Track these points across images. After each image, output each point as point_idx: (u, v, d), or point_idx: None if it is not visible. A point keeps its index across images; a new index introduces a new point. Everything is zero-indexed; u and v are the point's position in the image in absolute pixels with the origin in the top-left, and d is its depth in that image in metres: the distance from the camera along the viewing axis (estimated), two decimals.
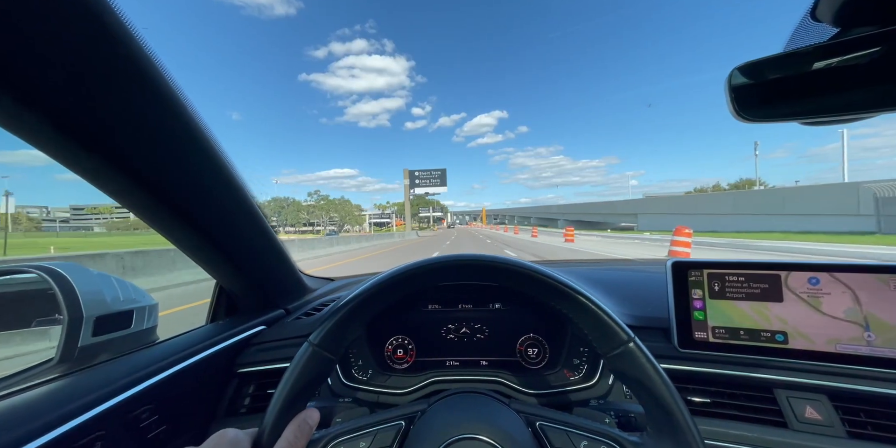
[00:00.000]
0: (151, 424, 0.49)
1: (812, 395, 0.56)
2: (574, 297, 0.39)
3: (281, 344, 0.71)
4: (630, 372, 0.37)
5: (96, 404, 0.43)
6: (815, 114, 0.35)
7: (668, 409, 0.34)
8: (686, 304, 0.63)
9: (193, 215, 0.53)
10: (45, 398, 0.42)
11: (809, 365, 0.56)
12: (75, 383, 0.46)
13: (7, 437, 0.36)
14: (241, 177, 0.56)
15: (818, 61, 0.32)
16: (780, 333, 0.57)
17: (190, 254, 0.62)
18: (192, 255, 0.62)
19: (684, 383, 0.61)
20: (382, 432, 0.38)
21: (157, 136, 0.42)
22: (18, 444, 0.35)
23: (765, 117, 0.36)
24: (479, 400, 0.43)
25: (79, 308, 0.52)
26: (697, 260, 0.63)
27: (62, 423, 0.39)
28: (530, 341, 0.75)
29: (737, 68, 0.37)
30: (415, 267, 0.42)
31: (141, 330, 0.64)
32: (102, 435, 0.42)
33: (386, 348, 0.76)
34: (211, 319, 0.80)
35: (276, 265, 0.79)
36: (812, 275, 0.56)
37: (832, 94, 0.33)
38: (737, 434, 0.54)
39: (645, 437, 0.37)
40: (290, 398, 0.36)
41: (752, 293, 0.59)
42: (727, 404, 0.59)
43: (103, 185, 0.44)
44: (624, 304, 0.75)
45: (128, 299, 0.62)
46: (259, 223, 0.65)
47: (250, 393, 0.68)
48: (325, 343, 0.39)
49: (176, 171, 0.47)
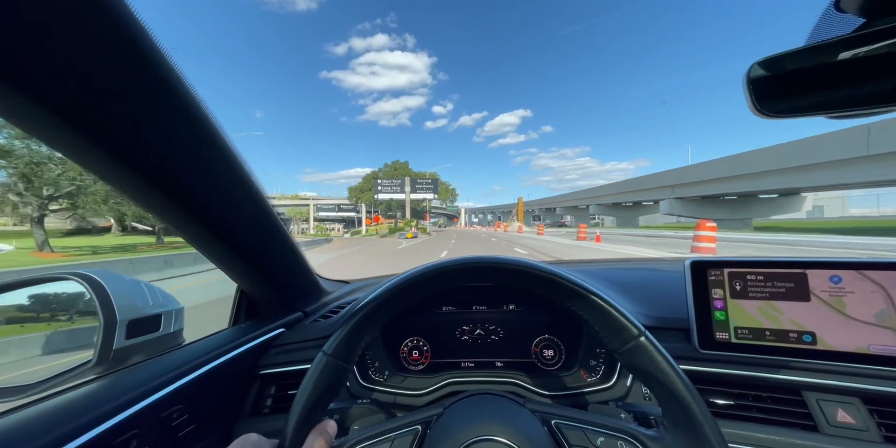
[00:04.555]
0: (182, 423, 0.51)
1: (844, 398, 0.54)
2: (581, 293, 0.39)
3: (300, 346, 0.73)
4: (643, 366, 0.37)
5: (132, 404, 0.45)
6: (840, 107, 0.34)
7: (684, 402, 0.34)
8: (706, 305, 0.61)
9: (216, 221, 0.55)
10: (86, 398, 0.45)
11: (841, 367, 0.53)
12: (112, 384, 0.48)
13: (56, 433, 0.38)
14: (258, 180, 0.58)
15: (843, 52, 0.31)
16: (808, 334, 0.55)
17: (212, 259, 0.64)
18: (215, 260, 0.65)
19: (705, 385, 0.60)
20: (400, 438, 0.38)
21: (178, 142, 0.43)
22: (65, 440, 0.38)
23: (786, 112, 0.36)
24: (493, 401, 0.43)
25: (113, 312, 0.55)
26: (717, 258, 0.62)
27: (102, 421, 0.42)
28: (545, 342, 0.74)
29: (756, 63, 0.36)
30: (414, 275, 0.42)
31: (169, 333, 0.66)
32: (138, 433, 0.44)
33: (401, 350, 0.77)
34: (233, 323, 0.83)
35: (294, 269, 0.81)
36: (834, 273, 0.54)
37: (858, 86, 0.32)
38: (762, 437, 0.52)
39: (662, 431, 0.37)
40: (309, 408, 0.37)
41: (777, 293, 0.57)
42: (751, 407, 0.57)
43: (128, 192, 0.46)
44: (641, 305, 0.73)
45: (156, 304, 0.65)
46: (277, 228, 0.67)
47: (272, 394, 0.70)
48: (339, 352, 0.40)
49: (199, 178, 0.49)
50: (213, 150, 0.48)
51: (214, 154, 0.48)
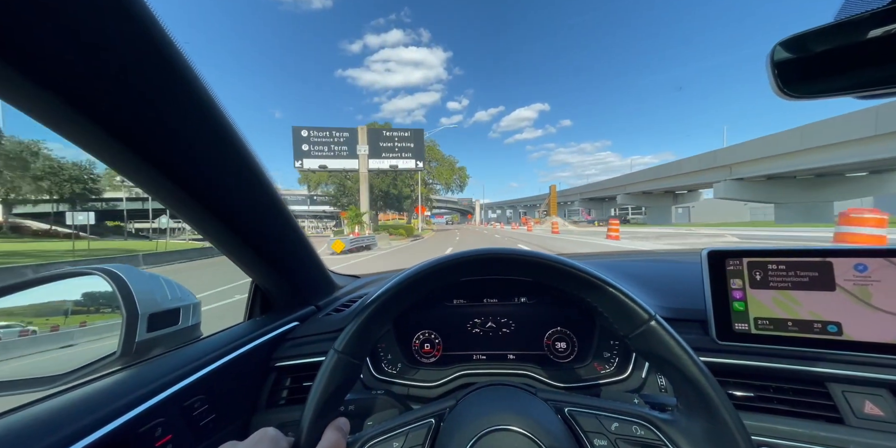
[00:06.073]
0: (203, 413, 0.52)
1: (872, 389, 0.52)
2: (590, 280, 0.39)
3: (314, 339, 0.74)
4: (654, 350, 0.36)
5: (156, 393, 0.47)
6: (871, 86, 0.32)
7: (698, 384, 0.34)
8: (724, 295, 0.60)
9: (232, 218, 0.57)
10: (112, 388, 0.46)
11: (868, 357, 0.52)
12: (136, 375, 0.50)
13: (85, 420, 0.39)
14: (271, 177, 0.59)
15: (875, 28, 0.30)
16: (833, 324, 0.54)
17: (228, 254, 0.66)
18: (231, 255, 0.66)
19: (724, 377, 0.59)
20: (414, 431, 0.39)
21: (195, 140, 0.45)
22: (95, 427, 0.39)
23: (813, 93, 0.34)
24: (506, 392, 0.43)
25: (135, 306, 0.57)
26: (735, 248, 0.60)
27: (129, 409, 0.43)
28: (558, 335, 0.74)
29: (779, 43, 0.35)
30: (423, 269, 0.43)
31: (187, 326, 0.68)
32: (162, 422, 0.46)
33: (413, 343, 0.78)
34: (248, 316, 0.84)
35: (307, 263, 0.82)
36: (859, 261, 0.52)
37: (892, 63, 0.31)
38: (786, 429, 0.51)
39: (676, 414, 0.37)
40: (323, 404, 0.38)
41: (800, 282, 0.56)
42: (773, 399, 0.56)
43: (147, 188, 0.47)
44: (658, 297, 0.72)
45: (175, 298, 0.67)
46: (290, 223, 0.68)
47: (287, 386, 0.71)
48: (350, 349, 0.40)
49: (215, 176, 0.50)
50: (228, 148, 0.49)
51: (229, 152, 0.49)
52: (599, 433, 0.37)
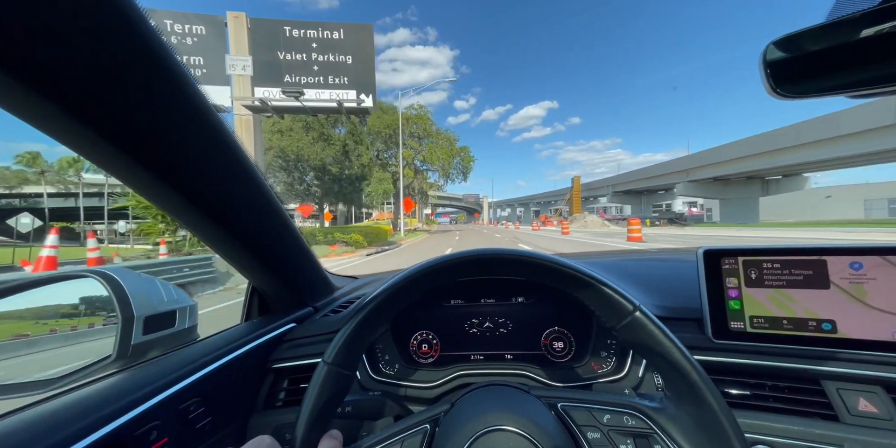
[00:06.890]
0: (199, 415, 0.52)
1: (866, 386, 0.52)
2: (575, 276, 0.40)
3: (311, 340, 0.74)
4: (641, 340, 0.37)
5: (151, 396, 0.47)
6: (863, 86, 0.32)
7: (683, 370, 0.35)
8: (720, 294, 0.60)
9: (228, 220, 0.56)
10: (108, 391, 0.46)
11: (863, 355, 0.52)
12: (132, 378, 0.50)
13: (80, 424, 0.39)
14: (266, 179, 0.59)
15: (867, 28, 0.30)
16: (828, 322, 0.54)
17: (225, 256, 0.65)
18: (227, 257, 0.66)
19: (720, 375, 0.59)
20: (409, 438, 0.39)
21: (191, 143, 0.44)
22: (90, 431, 0.39)
23: (805, 93, 0.34)
24: (499, 392, 0.43)
25: (130, 309, 0.57)
26: (731, 247, 0.61)
27: (124, 412, 0.43)
28: (555, 334, 0.74)
29: (772, 43, 0.35)
30: (409, 273, 0.43)
31: (184, 329, 0.68)
32: (158, 425, 0.46)
33: (411, 343, 0.77)
34: (245, 318, 0.84)
35: (304, 265, 0.82)
36: (854, 259, 0.53)
37: (882, 63, 0.31)
38: (780, 427, 0.52)
39: (665, 402, 0.38)
40: (315, 417, 0.38)
41: (795, 281, 0.56)
42: (768, 397, 0.57)
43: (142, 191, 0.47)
44: (653, 295, 0.73)
45: (171, 300, 0.67)
46: (286, 224, 0.68)
47: (285, 387, 0.71)
48: (339, 359, 0.40)
49: (211, 178, 0.49)
50: (223, 150, 0.48)
51: (224, 153, 0.49)
52: (592, 426, 0.38)
